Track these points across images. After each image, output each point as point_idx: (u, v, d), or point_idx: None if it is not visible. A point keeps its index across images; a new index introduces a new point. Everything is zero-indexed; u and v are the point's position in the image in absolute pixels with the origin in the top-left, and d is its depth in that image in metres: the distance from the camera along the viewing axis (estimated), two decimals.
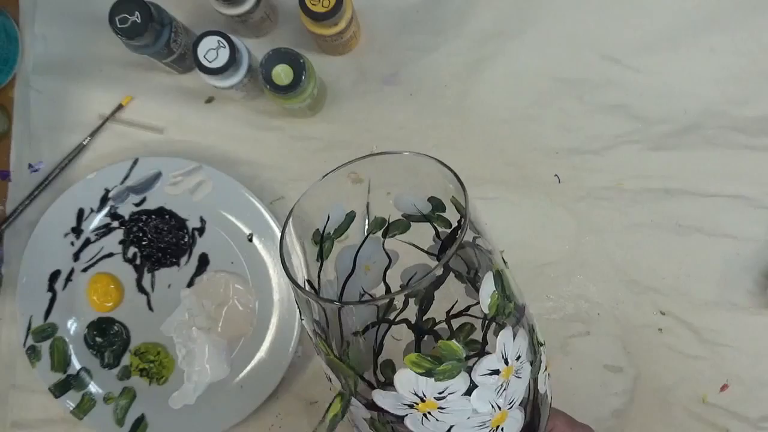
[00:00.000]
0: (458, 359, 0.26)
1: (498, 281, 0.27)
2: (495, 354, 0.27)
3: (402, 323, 0.31)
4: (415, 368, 0.25)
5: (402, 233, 0.34)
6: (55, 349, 0.58)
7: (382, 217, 0.34)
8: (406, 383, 0.26)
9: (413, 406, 0.26)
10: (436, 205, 0.34)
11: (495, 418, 0.27)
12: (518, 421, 0.29)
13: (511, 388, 0.27)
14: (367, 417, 0.28)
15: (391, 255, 0.34)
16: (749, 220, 0.56)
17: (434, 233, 0.34)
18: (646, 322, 0.56)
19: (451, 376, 0.26)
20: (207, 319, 0.58)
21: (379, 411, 0.27)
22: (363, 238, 0.34)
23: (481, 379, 0.26)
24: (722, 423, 0.55)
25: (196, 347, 0.58)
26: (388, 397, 0.26)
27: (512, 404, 0.28)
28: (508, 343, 0.27)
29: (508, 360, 0.27)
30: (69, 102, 0.61)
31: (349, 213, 0.34)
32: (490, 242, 0.29)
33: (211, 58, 0.51)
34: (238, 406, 0.56)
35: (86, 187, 0.58)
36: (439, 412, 0.26)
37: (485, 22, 0.58)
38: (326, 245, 0.33)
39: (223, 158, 0.59)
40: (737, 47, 0.57)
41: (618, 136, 0.57)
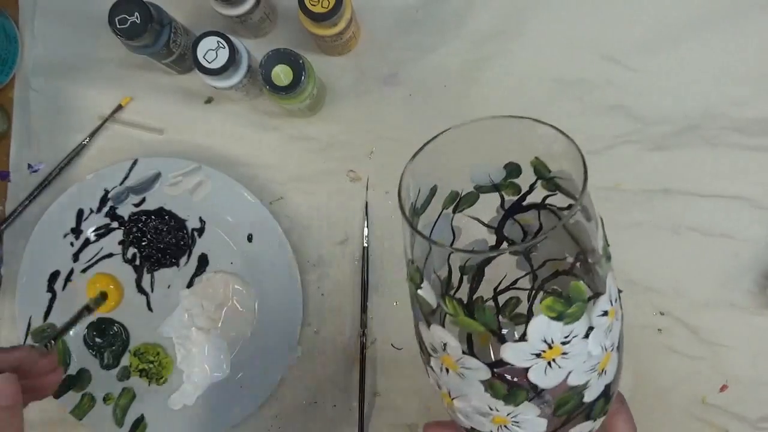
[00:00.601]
0: (583, 300, 0.27)
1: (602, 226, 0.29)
2: (605, 295, 0.28)
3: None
4: (549, 313, 0.26)
5: (470, 207, 0.34)
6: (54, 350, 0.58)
7: (456, 191, 0.34)
8: (539, 330, 0.27)
9: (540, 355, 0.27)
10: (511, 171, 0.34)
11: (602, 360, 0.28)
12: (615, 364, 0.30)
13: (614, 329, 0.29)
14: (486, 378, 0.28)
15: (455, 231, 0.34)
16: (749, 221, 0.56)
17: (500, 202, 0.34)
18: (646, 323, 0.56)
19: (576, 318, 0.27)
20: (206, 320, 0.58)
21: (500, 368, 0.28)
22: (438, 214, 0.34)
23: (596, 320, 0.27)
24: (722, 423, 0.55)
25: (195, 348, 0.58)
26: (517, 349, 0.27)
27: (613, 347, 0.29)
28: (612, 284, 0.28)
29: (612, 301, 0.28)
30: (69, 102, 0.61)
31: (432, 187, 0.33)
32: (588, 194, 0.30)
33: (211, 58, 0.51)
34: (237, 406, 0.56)
35: (86, 188, 0.58)
36: (562, 358, 0.27)
37: (484, 23, 0.58)
38: (415, 221, 0.33)
39: (223, 158, 0.59)
40: (737, 47, 0.57)
41: (617, 136, 0.57)
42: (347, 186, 0.59)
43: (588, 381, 0.28)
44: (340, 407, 0.58)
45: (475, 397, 0.29)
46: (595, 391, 0.29)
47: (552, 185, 0.33)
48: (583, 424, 0.30)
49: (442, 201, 0.34)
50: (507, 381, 0.28)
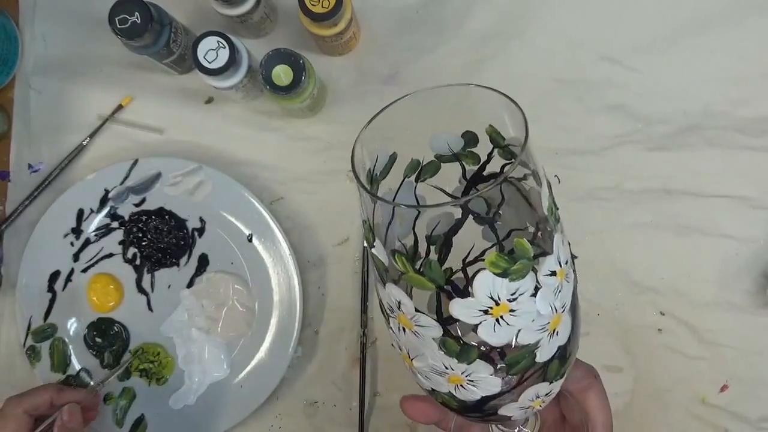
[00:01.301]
0: (528, 258, 0.27)
1: (549, 193, 0.29)
2: (553, 255, 0.28)
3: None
4: (493, 268, 0.26)
5: (432, 176, 0.34)
6: (54, 350, 0.58)
7: (417, 159, 0.34)
8: (484, 286, 0.27)
9: (487, 312, 0.27)
10: (468, 140, 0.34)
11: (552, 320, 0.29)
12: (567, 326, 0.30)
13: (564, 291, 0.29)
14: (438, 336, 0.29)
15: (419, 200, 0.34)
16: (749, 221, 0.56)
17: (461, 173, 0.34)
18: (646, 323, 0.56)
19: (522, 275, 0.27)
20: (207, 320, 0.58)
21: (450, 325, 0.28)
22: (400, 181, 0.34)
23: (544, 279, 0.28)
24: (722, 423, 0.55)
25: (195, 348, 0.58)
26: (464, 305, 0.27)
27: (564, 308, 0.29)
28: (560, 246, 0.29)
29: (561, 262, 0.29)
30: (69, 102, 0.61)
31: (392, 155, 0.34)
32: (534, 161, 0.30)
33: (211, 58, 0.51)
34: (238, 406, 0.56)
35: (86, 188, 0.58)
36: (510, 315, 0.27)
37: (484, 23, 0.58)
38: (374, 188, 0.33)
39: (223, 158, 0.59)
40: (737, 47, 0.57)
41: (617, 136, 0.57)
42: (347, 186, 0.59)
43: (539, 340, 0.29)
44: (340, 407, 0.58)
45: (430, 355, 0.29)
46: (548, 352, 0.29)
47: (508, 153, 0.33)
48: (540, 385, 0.31)
49: (404, 168, 0.34)
50: (459, 338, 0.29)
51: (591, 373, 0.38)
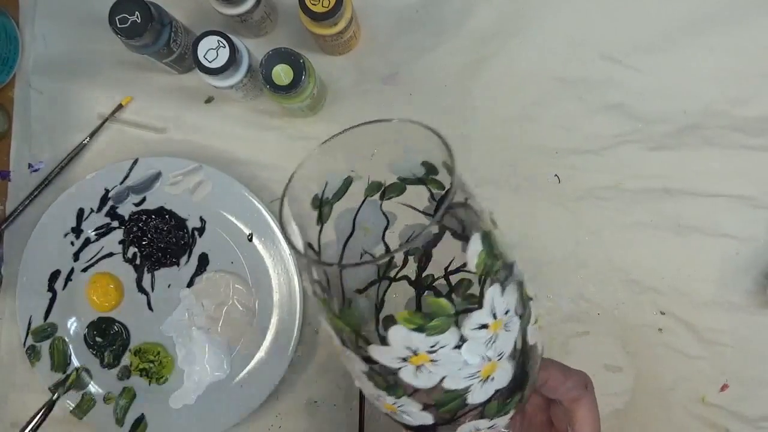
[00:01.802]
0: (447, 315, 0.27)
1: (485, 241, 0.28)
2: (484, 309, 0.28)
3: (402, 280, 0.31)
4: (407, 324, 0.26)
5: (398, 195, 0.35)
6: (54, 349, 0.58)
7: (379, 181, 0.35)
8: (400, 339, 0.27)
9: (407, 359, 0.27)
10: (429, 168, 0.34)
11: (485, 368, 0.28)
12: (508, 372, 0.30)
13: (500, 340, 0.28)
14: (365, 370, 0.29)
15: (389, 216, 0.35)
16: (749, 220, 0.56)
17: (429, 195, 0.35)
18: (646, 322, 0.56)
19: (441, 331, 0.27)
20: (207, 319, 0.58)
21: (375, 364, 0.28)
22: (361, 201, 0.35)
23: (471, 333, 0.27)
24: (722, 423, 0.55)
25: (195, 347, 0.58)
26: (384, 351, 0.27)
27: (501, 356, 0.29)
28: (496, 298, 0.28)
29: (497, 314, 0.28)
30: (69, 102, 0.61)
31: (346, 178, 0.34)
32: (479, 204, 0.30)
33: (211, 58, 0.51)
34: (238, 406, 0.56)
35: (86, 187, 0.58)
36: (432, 364, 0.27)
37: (485, 22, 0.58)
38: (325, 209, 0.34)
39: (223, 158, 0.59)
40: (737, 47, 0.57)
41: (618, 135, 0.57)
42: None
43: (469, 386, 0.28)
44: (340, 407, 0.58)
45: (362, 383, 0.30)
46: (481, 396, 0.29)
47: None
48: (479, 422, 0.30)
49: (363, 190, 0.35)
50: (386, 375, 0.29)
51: (582, 384, 0.38)
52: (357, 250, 0.33)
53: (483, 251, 0.28)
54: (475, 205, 0.29)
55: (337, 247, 0.33)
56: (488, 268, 0.28)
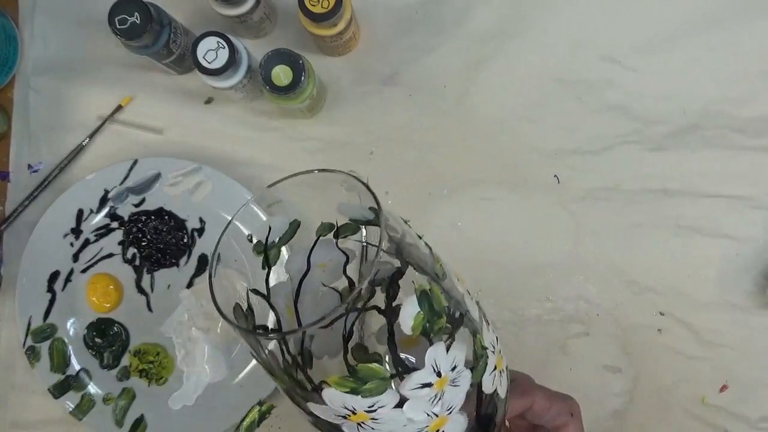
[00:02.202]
0: (381, 378, 0.26)
1: (423, 301, 0.27)
2: (424, 370, 0.27)
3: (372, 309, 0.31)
4: (340, 388, 0.26)
5: (352, 234, 0.35)
6: (54, 350, 0.58)
7: (330, 222, 0.35)
8: (335, 399, 0.26)
9: (346, 417, 0.27)
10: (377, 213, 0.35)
11: (433, 423, 0.28)
12: (461, 424, 0.29)
13: (447, 396, 0.28)
14: (311, 420, 0.29)
15: (347, 252, 0.35)
16: (748, 221, 0.56)
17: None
18: (646, 323, 0.56)
19: (378, 393, 0.26)
20: (206, 320, 0.58)
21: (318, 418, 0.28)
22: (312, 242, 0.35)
23: (411, 392, 0.27)
24: (721, 423, 0.55)
25: (195, 348, 0.58)
26: (322, 409, 0.27)
27: (451, 410, 0.28)
28: (439, 357, 0.27)
29: (441, 372, 0.27)
30: (68, 102, 0.61)
31: (293, 221, 0.34)
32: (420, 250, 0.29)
33: (211, 58, 0.51)
34: (237, 406, 0.56)
35: (86, 188, 0.58)
36: (373, 422, 0.27)
37: (484, 23, 0.58)
38: (272, 253, 0.34)
39: (223, 159, 0.59)
40: (737, 47, 0.57)
41: (617, 136, 0.57)
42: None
43: None
44: None
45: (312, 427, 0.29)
46: None
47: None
48: None
49: (314, 230, 0.34)
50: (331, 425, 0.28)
51: (568, 411, 0.38)
52: (315, 285, 0.33)
53: (420, 313, 0.27)
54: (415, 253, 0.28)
55: (291, 285, 0.33)
56: (428, 329, 0.27)
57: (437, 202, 0.58)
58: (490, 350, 0.30)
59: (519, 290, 0.57)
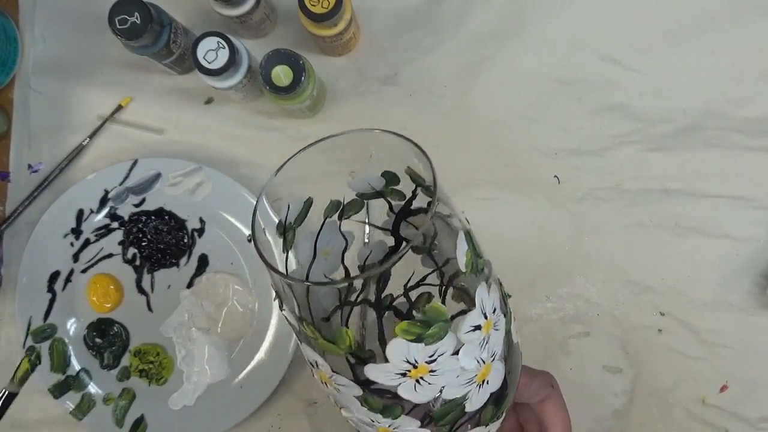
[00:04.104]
0: (445, 320, 0.26)
1: (469, 240, 0.28)
2: (476, 310, 0.28)
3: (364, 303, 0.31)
4: (406, 336, 0.26)
5: (357, 212, 0.35)
6: (54, 350, 0.58)
7: (338, 200, 0.35)
8: (398, 353, 0.26)
9: (406, 374, 0.27)
10: (390, 179, 0.34)
11: (480, 372, 0.28)
12: (500, 372, 0.30)
13: (492, 341, 0.29)
14: (359, 395, 0.28)
15: (347, 236, 0.35)
16: (749, 221, 0.56)
17: (388, 208, 0.35)
18: (646, 323, 0.56)
19: (439, 338, 0.26)
20: (206, 320, 0.58)
21: (370, 386, 0.28)
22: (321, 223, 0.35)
23: (466, 336, 0.27)
24: (722, 423, 0.55)
25: (195, 348, 0.58)
26: (382, 369, 0.27)
27: (494, 357, 0.29)
28: (485, 297, 0.28)
29: (487, 314, 0.28)
30: (69, 103, 0.61)
31: (306, 200, 0.34)
32: (452, 206, 0.30)
33: (211, 58, 0.51)
34: (238, 406, 0.56)
35: (86, 188, 0.58)
36: (431, 375, 0.27)
37: (484, 23, 0.58)
38: (288, 236, 0.34)
39: (223, 159, 0.59)
40: (737, 48, 0.57)
41: (617, 136, 0.57)
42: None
43: (467, 393, 0.28)
44: None
45: (354, 409, 0.29)
46: (478, 401, 0.29)
47: (430, 193, 0.33)
48: (475, 430, 0.30)
49: (323, 211, 0.34)
50: (382, 396, 0.28)
51: (547, 383, 0.38)
52: (319, 276, 0.33)
53: (469, 250, 0.28)
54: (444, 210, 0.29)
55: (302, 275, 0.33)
56: (474, 267, 0.28)
57: None
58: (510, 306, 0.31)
59: (519, 290, 0.57)
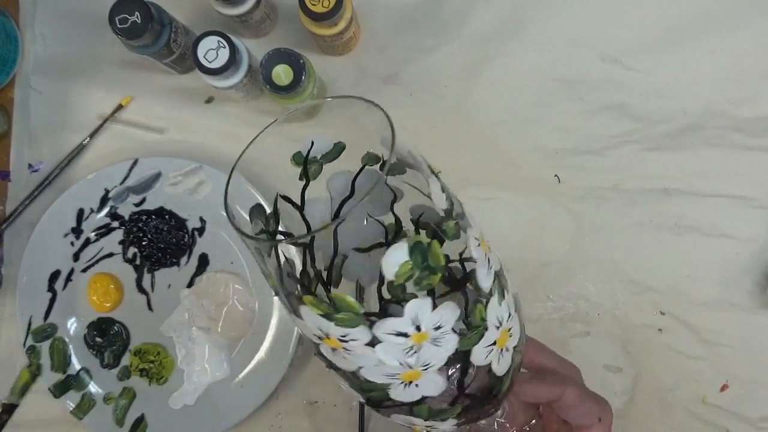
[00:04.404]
0: (355, 313, 0.26)
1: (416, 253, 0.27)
2: (402, 319, 0.27)
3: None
4: (314, 309, 0.26)
5: (401, 174, 0.34)
6: (55, 350, 0.58)
7: (376, 154, 0.34)
8: (310, 319, 0.27)
9: (321, 339, 0.27)
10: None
11: (406, 373, 0.28)
12: (438, 385, 0.29)
13: (425, 352, 0.28)
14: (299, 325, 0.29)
15: (395, 191, 0.34)
16: (749, 221, 0.56)
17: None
18: (646, 322, 0.56)
19: (350, 326, 0.26)
20: (207, 320, 0.58)
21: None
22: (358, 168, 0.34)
23: (385, 336, 0.27)
24: (722, 423, 0.55)
25: (195, 347, 0.58)
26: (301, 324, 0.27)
27: (428, 367, 0.28)
28: (423, 312, 0.27)
29: (421, 327, 0.27)
30: (69, 102, 0.61)
31: (338, 143, 0.33)
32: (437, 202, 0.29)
33: (211, 58, 0.51)
34: (238, 406, 0.56)
35: (86, 188, 0.58)
36: (345, 351, 0.27)
37: (485, 23, 0.58)
38: (313, 167, 0.34)
39: (223, 158, 0.59)
40: (737, 47, 0.57)
41: (618, 136, 0.57)
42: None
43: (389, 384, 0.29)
44: (340, 407, 0.58)
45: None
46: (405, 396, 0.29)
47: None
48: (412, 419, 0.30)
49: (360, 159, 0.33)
50: None
51: (597, 414, 0.37)
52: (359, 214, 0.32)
53: (408, 263, 0.26)
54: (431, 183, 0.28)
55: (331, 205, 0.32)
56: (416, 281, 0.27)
57: None
58: (494, 324, 0.30)
59: (520, 290, 0.56)
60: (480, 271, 0.30)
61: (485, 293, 0.30)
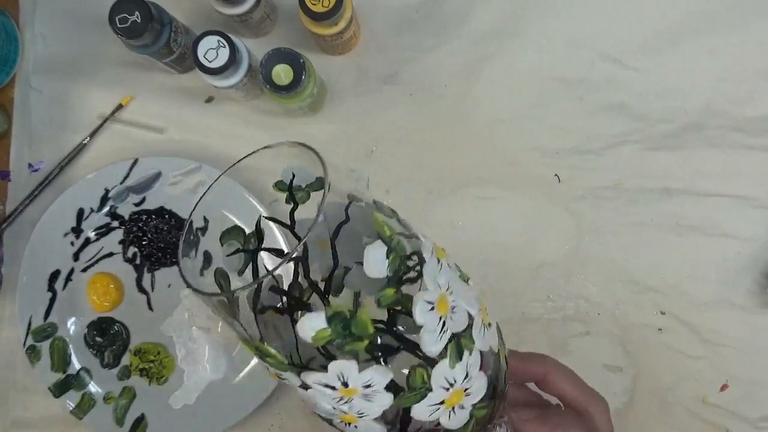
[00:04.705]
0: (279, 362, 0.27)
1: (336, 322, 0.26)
2: (326, 374, 0.27)
3: None
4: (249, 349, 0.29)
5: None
6: (55, 349, 0.58)
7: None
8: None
9: None
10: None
11: (342, 416, 0.29)
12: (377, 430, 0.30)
13: (356, 404, 0.28)
14: None
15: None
16: (749, 220, 0.56)
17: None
18: (646, 322, 0.56)
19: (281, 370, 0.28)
20: (207, 319, 0.58)
21: None
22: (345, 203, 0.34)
23: (313, 384, 0.27)
24: (722, 423, 0.55)
25: (196, 347, 0.58)
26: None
27: (363, 416, 0.28)
28: (348, 373, 0.27)
29: (348, 384, 0.27)
30: (69, 102, 0.61)
31: (320, 177, 0.32)
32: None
33: (211, 57, 0.51)
34: (238, 406, 0.56)
35: (86, 187, 0.58)
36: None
37: (485, 22, 0.58)
38: (300, 194, 0.34)
39: (223, 158, 0.59)
40: (737, 47, 0.57)
41: (618, 135, 0.57)
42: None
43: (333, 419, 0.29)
44: None
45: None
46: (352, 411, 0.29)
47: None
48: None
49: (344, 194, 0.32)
50: None
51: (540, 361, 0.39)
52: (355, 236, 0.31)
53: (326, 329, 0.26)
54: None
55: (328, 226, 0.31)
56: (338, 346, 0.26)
57: (437, 201, 0.58)
58: (441, 386, 0.28)
59: (519, 290, 0.57)
60: (426, 337, 0.28)
61: (432, 359, 0.28)
